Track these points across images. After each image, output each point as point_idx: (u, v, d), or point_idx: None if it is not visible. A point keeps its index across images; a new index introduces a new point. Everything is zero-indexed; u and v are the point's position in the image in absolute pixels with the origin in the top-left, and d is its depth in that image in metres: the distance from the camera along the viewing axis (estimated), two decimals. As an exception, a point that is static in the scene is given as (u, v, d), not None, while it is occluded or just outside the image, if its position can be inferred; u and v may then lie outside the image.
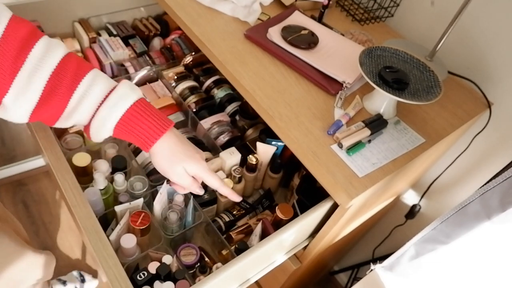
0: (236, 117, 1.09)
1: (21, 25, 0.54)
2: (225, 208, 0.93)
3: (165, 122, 0.62)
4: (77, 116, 0.60)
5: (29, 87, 0.55)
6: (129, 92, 0.60)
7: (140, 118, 0.60)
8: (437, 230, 0.70)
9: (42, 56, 0.55)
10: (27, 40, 0.54)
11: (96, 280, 1.51)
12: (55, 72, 0.56)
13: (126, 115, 0.60)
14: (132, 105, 0.60)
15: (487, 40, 0.96)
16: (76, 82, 0.57)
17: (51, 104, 0.57)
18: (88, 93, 0.58)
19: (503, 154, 1.00)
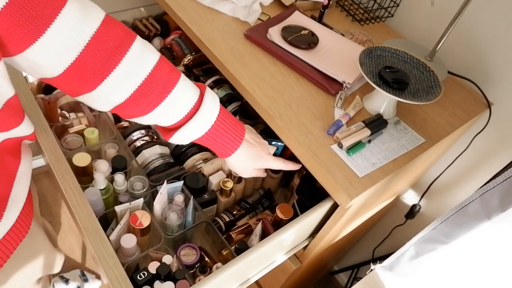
0: (236, 117, 1.09)
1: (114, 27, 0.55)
2: (225, 208, 0.93)
3: (240, 133, 0.69)
4: (159, 121, 0.63)
5: (119, 88, 0.56)
6: (213, 106, 0.64)
7: (221, 132, 0.66)
8: (437, 230, 0.70)
9: (137, 60, 0.55)
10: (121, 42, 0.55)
11: (99, 282, 1.51)
12: (148, 78, 0.57)
13: (210, 130, 0.65)
14: (216, 121, 0.65)
15: (487, 40, 0.97)
16: (166, 92, 0.59)
17: (136, 107, 0.59)
18: (176, 104, 0.60)
19: (503, 154, 1.00)
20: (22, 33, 0.49)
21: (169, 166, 0.90)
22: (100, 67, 0.53)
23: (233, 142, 0.68)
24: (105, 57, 0.53)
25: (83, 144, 0.89)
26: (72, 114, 0.95)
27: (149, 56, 0.57)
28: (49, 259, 0.94)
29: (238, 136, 0.69)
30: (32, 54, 0.51)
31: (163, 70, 0.58)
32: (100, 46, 0.53)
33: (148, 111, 0.60)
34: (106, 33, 0.54)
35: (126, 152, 0.90)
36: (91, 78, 0.54)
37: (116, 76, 0.54)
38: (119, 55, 0.54)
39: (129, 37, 0.56)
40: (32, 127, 0.69)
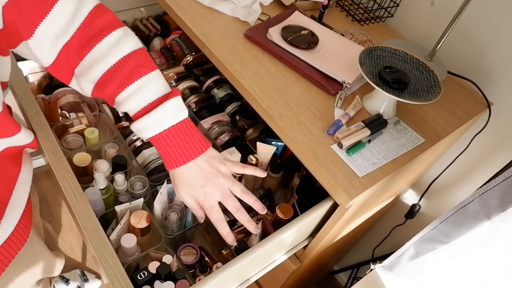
0: (236, 117, 1.09)
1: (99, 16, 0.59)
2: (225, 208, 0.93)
3: (194, 151, 0.63)
4: (124, 108, 0.62)
5: (91, 69, 0.60)
6: (169, 117, 0.61)
7: (170, 143, 0.62)
8: (437, 229, 0.71)
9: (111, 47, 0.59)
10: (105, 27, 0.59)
11: (99, 281, 1.51)
12: (115, 65, 0.60)
13: (160, 135, 0.61)
14: (169, 128, 0.61)
15: (487, 40, 0.97)
16: (131, 79, 0.60)
17: (105, 92, 0.61)
18: (136, 96, 0.61)
19: (503, 154, 1.00)
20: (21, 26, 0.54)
21: (169, 166, 0.90)
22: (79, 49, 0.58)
23: (183, 155, 0.62)
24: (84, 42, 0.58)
25: (83, 144, 0.90)
26: (72, 114, 0.95)
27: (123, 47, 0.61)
28: (48, 265, 0.94)
29: (192, 153, 0.63)
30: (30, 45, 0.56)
31: (131, 61, 0.61)
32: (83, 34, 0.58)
33: (114, 97, 0.61)
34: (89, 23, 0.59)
35: (126, 152, 0.90)
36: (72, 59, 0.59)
37: (92, 55, 0.59)
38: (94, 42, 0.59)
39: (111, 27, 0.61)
40: (32, 134, 0.69)
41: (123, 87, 0.60)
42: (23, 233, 0.70)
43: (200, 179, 0.64)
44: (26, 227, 0.71)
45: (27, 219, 0.72)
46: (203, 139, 0.64)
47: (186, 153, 0.63)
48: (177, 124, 0.62)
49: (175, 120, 0.62)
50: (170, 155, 0.63)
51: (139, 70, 0.61)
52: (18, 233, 0.69)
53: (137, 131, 0.62)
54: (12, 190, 0.69)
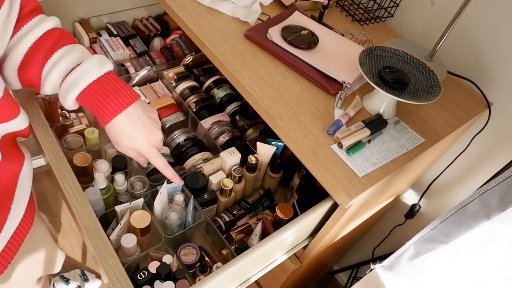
0: (236, 117, 1.09)
1: (30, 3, 0.64)
2: (225, 208, 0.93)
3: (123, 102, 0.64)
4: (49, 84, 0.64)
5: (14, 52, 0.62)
6: (94, 68, 0.63)
7: (98, 97, 0.63)
8: (437, 229, 0.71)
9: (33, 27, 0.63)
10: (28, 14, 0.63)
11: (100, 281, 1.51)
12: (37, 41, 0.63)
13: (85, 91, 0.62)
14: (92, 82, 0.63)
15: (487, 40, 0.97)
16: (51, 52, 0.63)
17: (29, 70, 0.63)
18: (57, 64, 0.63)
19: (503, 154, 1.00)
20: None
21: (169, 166, 0.91)
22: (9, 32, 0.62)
23: (113, 107, 0.63)
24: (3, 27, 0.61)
25: (83, 144, 0.90)
26: (72, 114, 0.95)
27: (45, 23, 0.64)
28: (50, 256, 0.94)
29: (122, 102, 0.64)
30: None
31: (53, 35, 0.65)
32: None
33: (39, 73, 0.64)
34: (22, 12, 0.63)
35: (126, 152, 0.90)
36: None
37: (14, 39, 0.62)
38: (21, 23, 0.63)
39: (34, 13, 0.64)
40: (27, 120, 0.70)
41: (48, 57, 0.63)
42: (30, 218, 0.72)
43: (137, 129, 0.66)
44: (31, 212, 0.72)
45: (31, 206, 0.73)
46: (131, 90, 0.65)
47: (118, 104, 0.63)
48: (102, 75, 0.63)
49: (100, 72, 0.63)
50: (101, 108, 0.63)
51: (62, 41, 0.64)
52: (26, 218, 0.70)
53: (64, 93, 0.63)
54: (18, 177, 0.69)
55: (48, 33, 0.64)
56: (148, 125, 0.67)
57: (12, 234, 0.68)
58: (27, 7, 0.63)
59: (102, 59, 0.65)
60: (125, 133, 0.65)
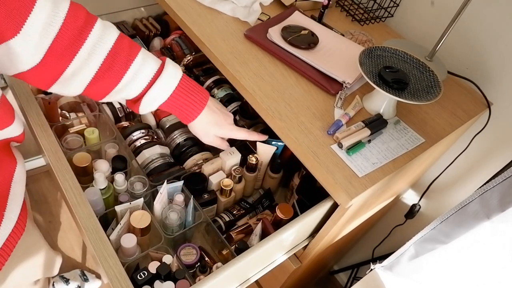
0: (236, 117, 1.09)
1: (79, 9, 0.61)
2: (225, 208, 0.93)
3: (203, 98, 0.74)
4: (128, 92, 0.68)
5: (87, 64, 0.62)
6: (176, 71, 0.70)
7: (185, 96, 0.72)
8: (437, 229, 0.71)
9: (100, 38, 0.62)
10: (86, 23, 0.61)
11: (99, 281, 1.51)
12: (111, 51, 0.63)
13: (175, 92, 0.70)
14: (179, 83, 0.70)
15: (487, 40, 0.97)
16: (129, 61, 0.65)
17: (106, 80, 0.64)
18: (141, 71, 0.66)
19: (503, 154, 1.00)
20: (8, 23, 0.53)
21: (169, 166, 0.91)
22: (70, 46, 0.59)
23: (196, 106, 0.73)
24: (75, 36, 0.59)
25: (83, 144, 0.90)
26: (72, 114, 0.95)
27: (111, 31, 0.64)
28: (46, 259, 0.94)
29: (202, 100, 0.74)
30: (16, 44, 0.55)
31: (124, 43, 0.65)
32: (70, 27, 0.59)
33: (116, 83, 0.65)
34: (74, 15, 0.59)
35: (126, 152, 0.90)
36: (64, 58, 0.60)
37: (84, 52, 0.61)
38: (86, 33, 0.60)
39: (92, 18, 0.63)
40: (22, 126, 0.70)
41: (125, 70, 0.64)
42: (22, 223, 0.72)
43: (218, 116, 0.78)
44: (23, 218, 0.72)
45: (24, 211, 0.73)
46: (201, 87, 0.75)
47: (199, 103, 0.73)
48: (180, 82, 0.70)
49: (177, 79, 0.70)
50: (186, 111, 0.73)
51: (133, 50, 0.66)
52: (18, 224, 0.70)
53: (147, 103, 0.69)
54: (10, 183, 0.69)
55: (119, 40, 0.64)
56: (222, 110, 0.81)
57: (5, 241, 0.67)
58: (80, 14, 0.60)
59: (173, 62, 0.71)
60: (212, 122, 0.77)
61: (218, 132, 0.80)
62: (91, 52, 0.61)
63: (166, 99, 0.70)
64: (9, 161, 0.71)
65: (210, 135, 0.80)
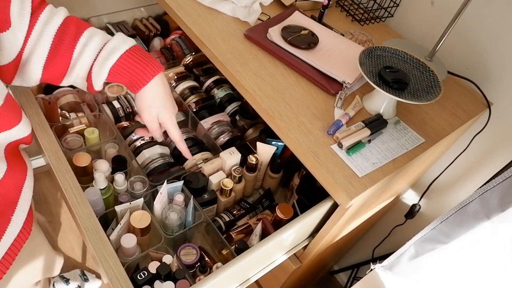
0: (236, 117, 1.09)
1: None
2: (225, 208, 0.93)
3: (154, 69, 0.70)
4: (79, 67, 0.68)
5: (39, 43, 0.64)
6: (124, 39, 0.70)
7: (133, 64, 0.69)
8: (437, 229, 0.71)
9: (49, 18, 0.65)
10: (39, 5, 0.65)
11: (100, 281, 1.51)
12: (60, 28, 0.65)
13: (121, 59, 0.68)
14: (126, 51, 0.68)
15: (487, 40, 0.97)
16: (78, 35, 0.67)
17: (59, 57, 0.66)
18: (89, 43, 0.67)
19: (503, 154, 1.00)
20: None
21: (169, 166, 0.91)
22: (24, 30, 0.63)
23: (145, 73, 0.69)
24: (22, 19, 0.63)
25: (83, 144, 0.90)
26: (72, 114, 0.95)
27: (59, 12, 0.67)
28: (48, 261, 0.94)
29: (153, 69, 0.70)
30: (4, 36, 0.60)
31: (73, 21, 0.68)
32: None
33: (69, 57, 0.67)
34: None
35: (126, 152, 0.90)
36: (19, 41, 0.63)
37: (35, 34, 0.64)
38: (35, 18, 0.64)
39: (43, 4, 0.66)
40: (29, 127, 0.70)
41: (74, 45, 0.66)
42: (28, 228, 0.71)
43: (161, 97, 0.73)
44: (30, 222, 0.72)
45: (30, 215, 0.73)
46: (156, 61, 0.71)
47: (149, 71, 0.69)
48: (131, 48, 0.69)
49: (127, 44, 0.69)
50: (138, 73, 0.69)
51: (82, 25, 0.68)
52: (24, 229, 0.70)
53: (99, 66, 0.67)
54: (22, 188, 0.70)
55: (67, 19, 0.67)
56: (172, 95, 0.76)
57: (10, 246, 0.67)
58: (33, 3, 0.64)
59: (124, 35, 0.71)
60: (159, 96, 0.72)
61: (161, 113, 0.74)
62: (41, 32, 0.64)
63: (114, 62, 0.68)
64: (21, 166, 0.71)
65: (153, 113, 0.74)
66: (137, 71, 0.69)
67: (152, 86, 0.71)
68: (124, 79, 0.70)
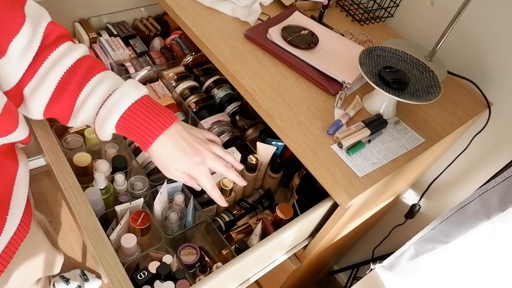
0: (236, 117, 1.09)
1: (55, 30, 0.61)
2: (225, 208, 0.93)
3: (164, 122, 0.61)
4: (83, 114, 0.62)
5: (44, 82, 0.60)
6: (131, 91, 0.61)
7: (138, 119, 0.60)
8: (437, 229, 0.71)
9: (62, 55, 0.60)
10: (55, 42, 0.60)
11: (100, 281, 1.51)
12: (69, 70, 0.60)
13: (125, 114, 0.60)
14: (132, 105, 0.61)
15: (486, 40, 0.97)
16: (85, 81, 0.61)
17: (62, 101, 0.61)
18: (94, 92, 0.61)
19: (503, 154, 1.00)
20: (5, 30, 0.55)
21: (169, 166, 0.91)
22: (31, 65, 0.59)
23: (152, 129, 0.60)
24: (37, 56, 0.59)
25: (83, 144, 0.90)
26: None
27: (73, 53, 0.61)
28: (48, 258, 0.94)
29: (162, 123, 0.61)
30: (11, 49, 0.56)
31: (85, 63, 0.62)
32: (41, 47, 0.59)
33: (72, 103, 0.61)
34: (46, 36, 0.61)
35: (126, 152, 0.90)
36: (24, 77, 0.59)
37: (42, 70, 0.60)
38: (46, 53, 0.60)
39: (61, 40, 0.62)
40: (27, 130, 0.70)
41: (82, 86, 0.61)
42: (25, 225, 0.71)
43: (181, 148, 0.62)
44: (27, 220, 0.72)
45: (28, 212, 0.73)
46: (170, 112, 0.63)
47: (159, 124, 0.61)
48: (140, 98, 0.61)
49: (138, 94, 0.61)
50: (143, 131, 0.60)
51: (94, 68, 0.62)
52: (21, 227, 0.70)
53: (102, 120, 0.61)
54: (13, 186, 0.69)
55: (80, 61, 0.62)
56: (192, 143, 0.64)
57: (7, 244, 0.67)
58: (53, 34, 0.61)
59: (136, 83, 0.64)
60: (171, 154, 0.62)
61: (180, 168, 0.63)
62: (48, 71, 0.59)
63: (116, 121, 0.61)
64: (11, 163, 0.71)
65: (171, 170, 0.64)
66: (140, 129, 0.61)
67: (160, 145, 0.62)
68: (130, 136, 0.62)
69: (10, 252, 0.68)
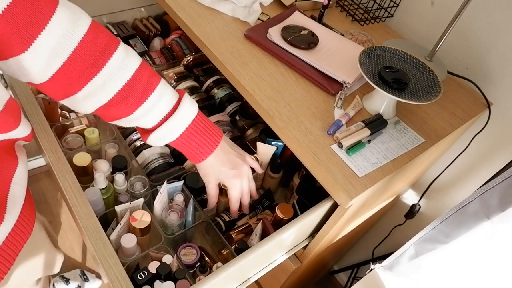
0: (236, 117, 1.09)
1: (100, 32, 0.58)
2: (225, 208, 0.93)
3: (214, 140, 0.69)
4: (139, 123, 0.65)
5: (102, 91, 0.59)
6: (190, 110, 0.66)
7: (194, 138, 0.67)
8: (437, 229, 0.71)
9: (119, 65, 0.58)
10: (105, 49, 0.57)
11: (100, 281, 1.51)
12: (128, 82, 0.60)
13: (184, 134, 0.66)
14: (189, 125, 0.66)
15: (486, 40, 0.97)
16: (145, 96, 0.62)
17: (118, 109, 0.62)
18: (155, 107, 0.63)
19: (503, 154, 1.01)
20: (15, 39, 0.50)
21: (169, 166, 0.91)
22: (85, 70, 0.56)
23: (203, 149, 0.68)
24: (91, 61, 0.56)
25: (83, 144, 0.90)
26: (72, 114, 0.95)
27: (131, 61, 0.60)
28: (48, 258, 0.94)
29: (214, 141, 0.69)
30: (24, 59, 0.52)
31: (143, 75, 0.61)
32: (87, 51, 0.55)
33: (128, 114, 0.62)
34: (92, 39, 0.56)
35: (126, 152, 0.90)
36: (76, 82, 0.57)
37: (100, 79, 0.57)
38: (103, 60, 0.57)
39: (114, 43, 0.59)
40: (29, 128, 0.69)
41: (139, 104, 0.61)
42: (28, 226, 0.71)
43: (224, 164, 0.72)
44: (30, 220, 0.72)
45: (31, 212, 0.72)
46: (216, 128, 0.70)
47: (208, 146, 0.68)
48: (195, 117, 0.66)
49: (193, 114, 0.66)
50: (194, 151, 0.68)
51: (151, 83, 0.62)
52: (22, 226, 0.69)
53: (156, 140, 0.65)
54: (9, 184, 0.69)
55: (139, 72, 0.61)
56: (234, 159, 0.73)
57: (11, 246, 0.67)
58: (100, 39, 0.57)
59: (190, 99, 0.67)
60: (215, 168, 0.72)
61: (219, 176, 0.74)
62: (106, 80, 0.58)
63: (176, 138, 0.66)
64: (10, 161, 0.70)
65: (209, 177, 0.74)
66: (196, 147, 0.68)
67: (210, 160, 0.71)
68: (183, 151, 0.69)
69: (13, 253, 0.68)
